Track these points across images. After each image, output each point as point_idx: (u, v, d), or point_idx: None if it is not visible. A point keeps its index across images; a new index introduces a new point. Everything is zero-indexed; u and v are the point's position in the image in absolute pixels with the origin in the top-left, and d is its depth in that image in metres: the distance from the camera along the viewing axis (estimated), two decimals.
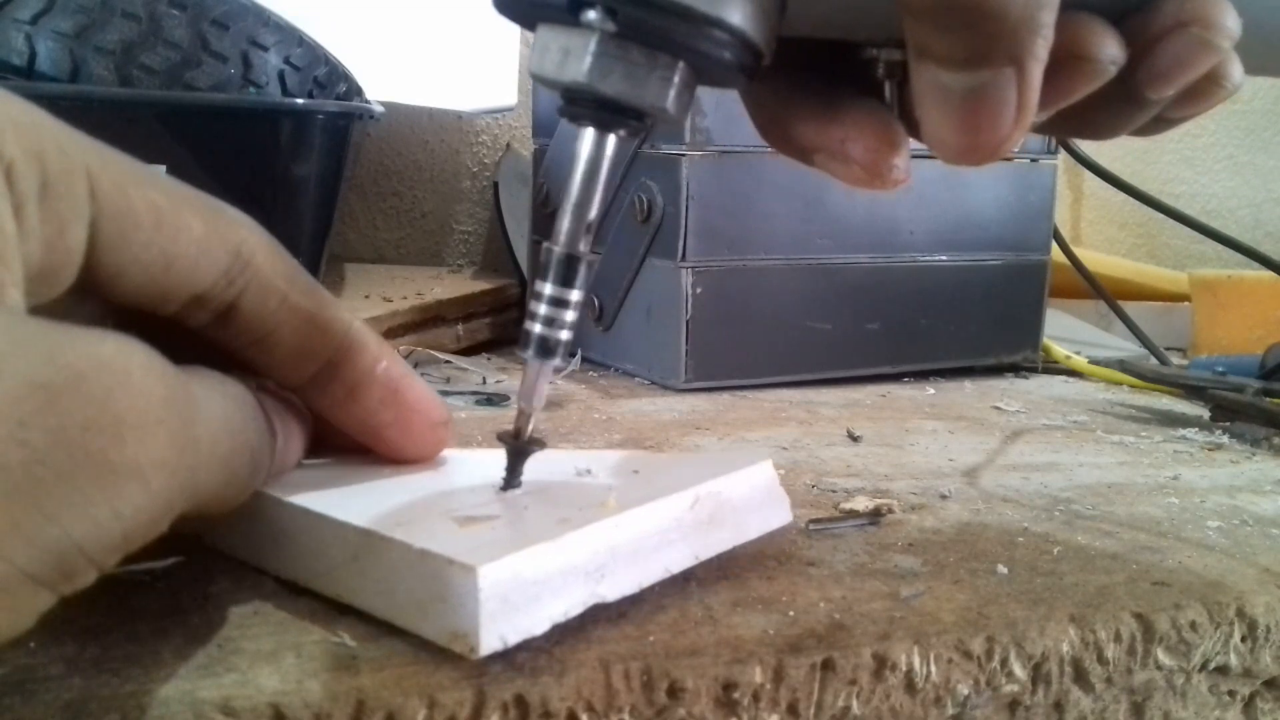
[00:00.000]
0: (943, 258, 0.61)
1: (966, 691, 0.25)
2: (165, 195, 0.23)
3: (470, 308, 0.68)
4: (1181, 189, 1.13)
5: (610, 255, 0.59)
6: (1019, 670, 0.25)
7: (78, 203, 0.21)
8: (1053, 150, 0.64)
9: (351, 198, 0.88)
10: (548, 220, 0.63)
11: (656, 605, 0.25)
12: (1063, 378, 0.65)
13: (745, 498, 0.28)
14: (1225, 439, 0.49)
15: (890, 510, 0.34)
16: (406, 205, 0.91)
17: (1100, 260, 0.85)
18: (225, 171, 0.56)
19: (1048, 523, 0.34)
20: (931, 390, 0.59)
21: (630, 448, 0.43)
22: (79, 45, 0.54)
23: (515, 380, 0.56)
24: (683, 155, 0.54)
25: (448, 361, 0.60)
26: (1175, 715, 0.28)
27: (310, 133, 0.60)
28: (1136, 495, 0.38)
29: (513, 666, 0.22)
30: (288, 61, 0.59)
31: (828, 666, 0.24)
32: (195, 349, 0.23)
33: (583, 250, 0.25)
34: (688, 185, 0.54)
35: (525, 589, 0.22)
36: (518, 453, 0.27)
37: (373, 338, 0.27)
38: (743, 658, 0.23)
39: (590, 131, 0.24)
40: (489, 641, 0.21)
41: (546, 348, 0.25)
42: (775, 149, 0.27)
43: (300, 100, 0.60)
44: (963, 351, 0.63)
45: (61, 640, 0.22)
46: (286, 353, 0.26)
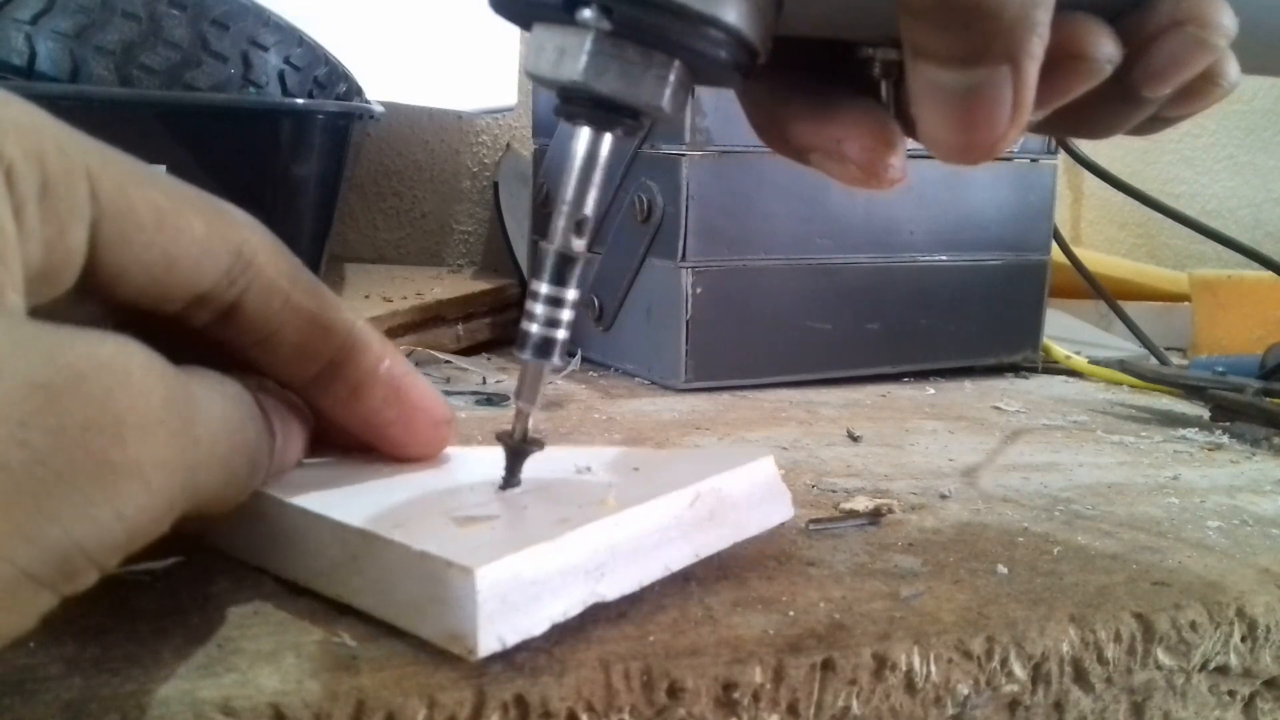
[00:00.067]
0: (943, 258, 0.61)
1: (966, 691, 0.25)
2: (167, 195, 0.23)
3: (470, 308, 0.68)
4: (1181, 189, 1.13)
5: (610, 255, 0.59)
6: (1019, 670, 0.25)
7: (78, 204, 0.21)
8: (1053, 150, 0.64)
9: (351, 198, 0.88)
10: (547, 220, 0.63)
11: (656, 605, 0.25)
12: (1063, 378, 0.65)
13: (746, 494, 0.28)
14: (1225, 439, 0.49)
15: (890, 510, 0.34)
16: (406, 205, 0.91)
17: (1100, 260, 0.85)
18: (225, 171, 0.56)
19: (1048, 523, 0.34)
20: (931, 390, 0.59)
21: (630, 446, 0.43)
22: (79, 45, 0.54)
23: (515, 380, 0.56)
24: (683, 155, 0.54)
25: (448, 361, 0.60)
26: (1175, 715, 0.28)
27: (310, 133, 0.60)
28: (1136, 495, 0.38)
29: (513, 666, 0.22)
30: (288, 61, 0.59)
31: (828, 666, 0.24)
32: (197, 348, 0.23)
33: (579, 249, 0.25)
34: (688, 185, 0.54)
35: (523, 590, 0.22)
36: (516, 453, 0.27)
37: (375, 337, 0.27)
38: (743, 658, 0.23)
39: (586, 130, 0.24)
40: (487, 643, 0.21)
41: (543, 347, 0.25)
42: (771, 148, 0.27)
43: (300, 100, 0.60)
44: (963, 351, 0.63)
45: (61, 640, 0.22)
46: (289, 352, 0.26)
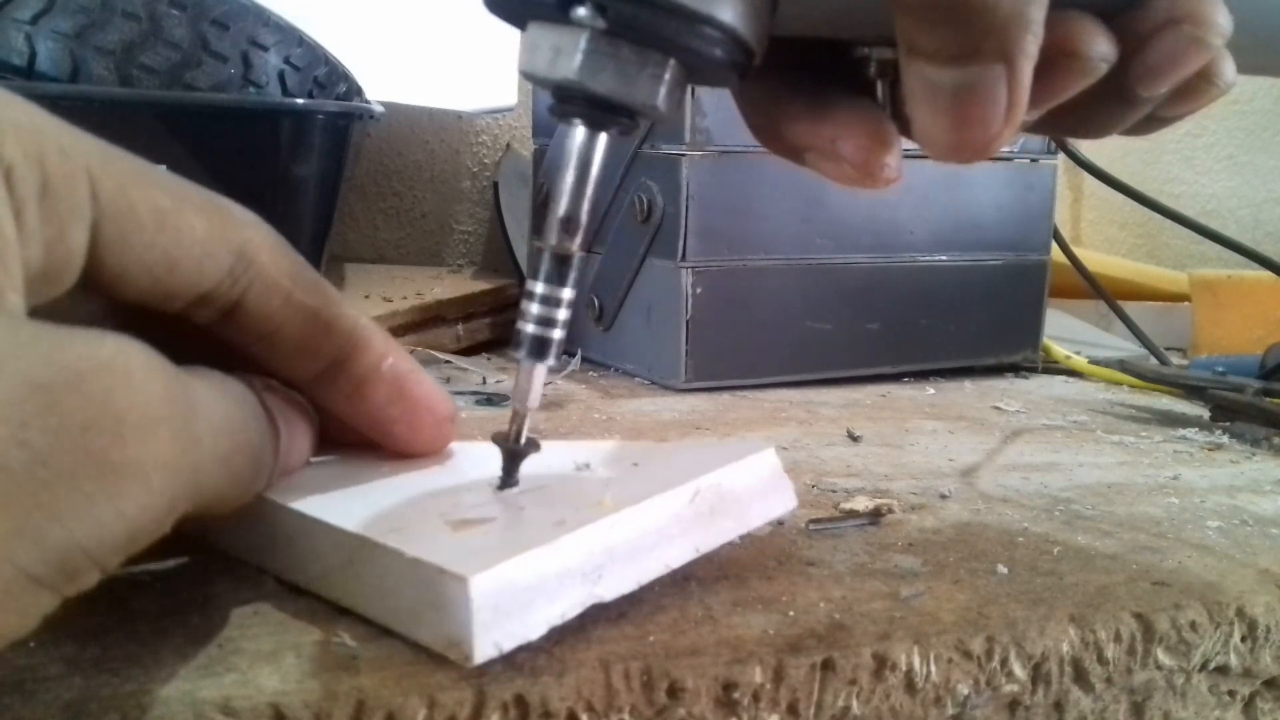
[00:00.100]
0: (943, 258, 0.61)
1: (966, 691, 0.25)
2: (168, 195, 0.23)
3: (470, 308, 0.68)
4: (1181, 189, 1.13)
5: (610, 255, 0.59)
6: (1019, 670, 0.25)
7: (78, 205, 0.21)
8: (1053, 150, 0.64)
9: (351, 198, 0.88)
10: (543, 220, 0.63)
11: (656, 605, 0.25)
12: (1063, 378, 0.65)
13: (747, 487, 0.27)
14: (1225, 439, 0.49)
15: (890, 510, 0.34)
16: (406, 205, 0.91)
17: (1100, 260, 0.85)
18: (225, 171, 0.56)
19: (1048, 523, 0.34)
20: (931, 390, 0.59)
21: None
22: (79, 45, 0.54)
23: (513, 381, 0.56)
24: (683, 155, 0.54)
25: (448, 361, 0.60)
26: (1175, 715, 0.28)
27: (310, 133, 0.60)
28: (1136, 495, 0.38)
29: (513, 666, 0.22)
30: (288, 61, 0.59)
31: (828, 666, 0.24)
32: (200, 348, 0.23)
33: (575, 249, 0.25)
34: (688, 185, 0.54)
35: (519, 595, 0.22)
36: (513, 455, 0.27)
37: (379, 334, 0.27)
38: (743, 658, 0.23)
39: (581, 129, 0.24)
40: (483, 649, 0.21)
41: (540, 348, 0.25)
42: (767, 148, 0.27)
43: (300, 100, 0.60)
44: (963, 351, 0.63)
45: (61, 640, 0.22)
46: (292, 350, 0.26)
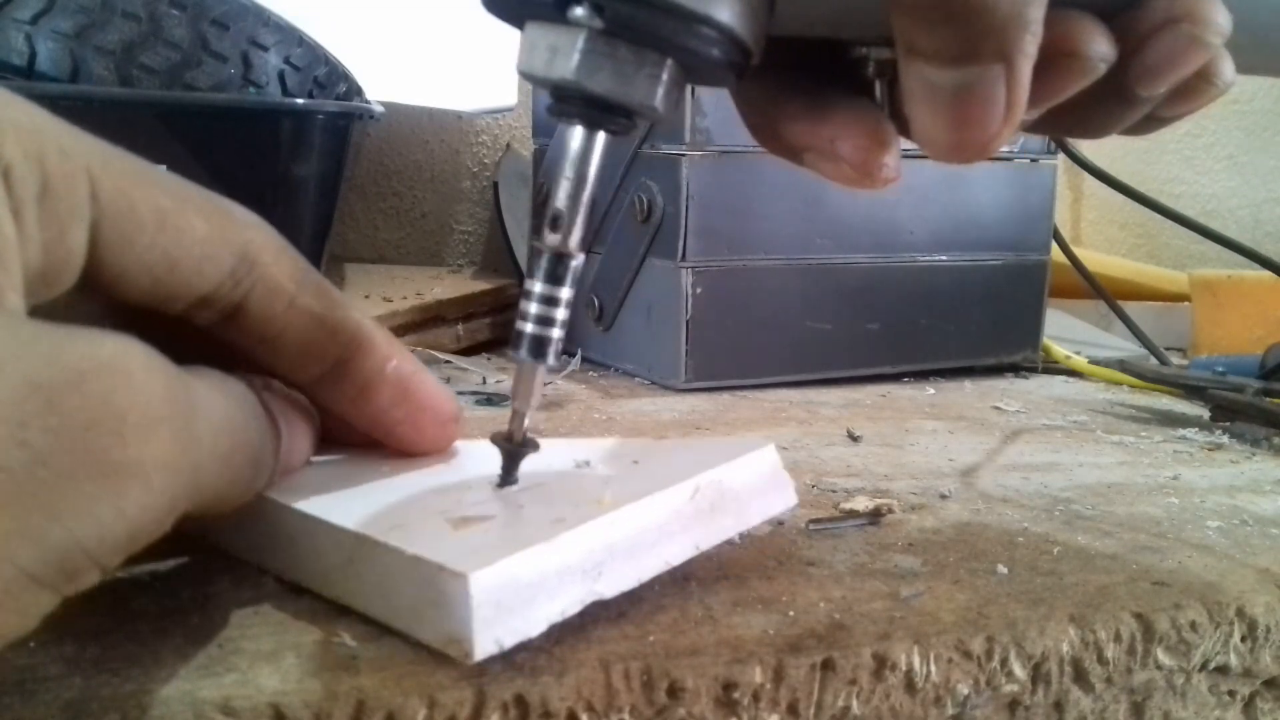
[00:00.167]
0: (943, 258, 0.61)
1: (966, 691, 0.25)
2: (170, 196, 0.23)
3: (470, 308, 0.68)
4: (1181, 189, 1.13)
5: (610, 255, 0.59)
6: (1019, 670, 0.25)
7: (78, 205, 0.21)
8: (1053, 150, 0.64)
9: (351, 198, 0.88)
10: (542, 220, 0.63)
11: (656, 605, 0.25)
12: (1063, 378, 0.65)
13: (747, 484, 0.27)
14: (1225, 439, 0.49)
15: (890, 510, 0.34)
16: (406, 205, 0.91)
17: (1100, 260, 0.85)
18: (225, 171, 0.56)
19: (1048, 523, 0.34)
20: (931, 390, 0.59)
21: None
22: (79, 45, 0.54)
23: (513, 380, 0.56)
24: (683, 155, 0.54)
25: (448, 361, 0.60)
26: (1175, 715, 0.28)
27: (310, 133, 0.60)
28: (1136, 495, 0.38)
29: (513, 666, 0.22)
30: (288, 61, 0.59)
31: (828, 666, 0.24)
32: (202, 349, 0.23)
33: (573, 248, 0.25)
34: (688, 185, 0.54)
35: (519, 592, 0.22)
36: (512, 454, 0.27)
37: (382, 336, 0.27)
38: (743, 658, 0.23)
39: (579, 129, 0.24)
40: (484, 646, 0.21)
41: (538, 347, 0.25)
42: (766, 148, 0.27)
43: (300, 100, 0.60)
44: (963, 351, 0.63)
45: (61, 640, 0.22)
46: (294, 353, 0.26)
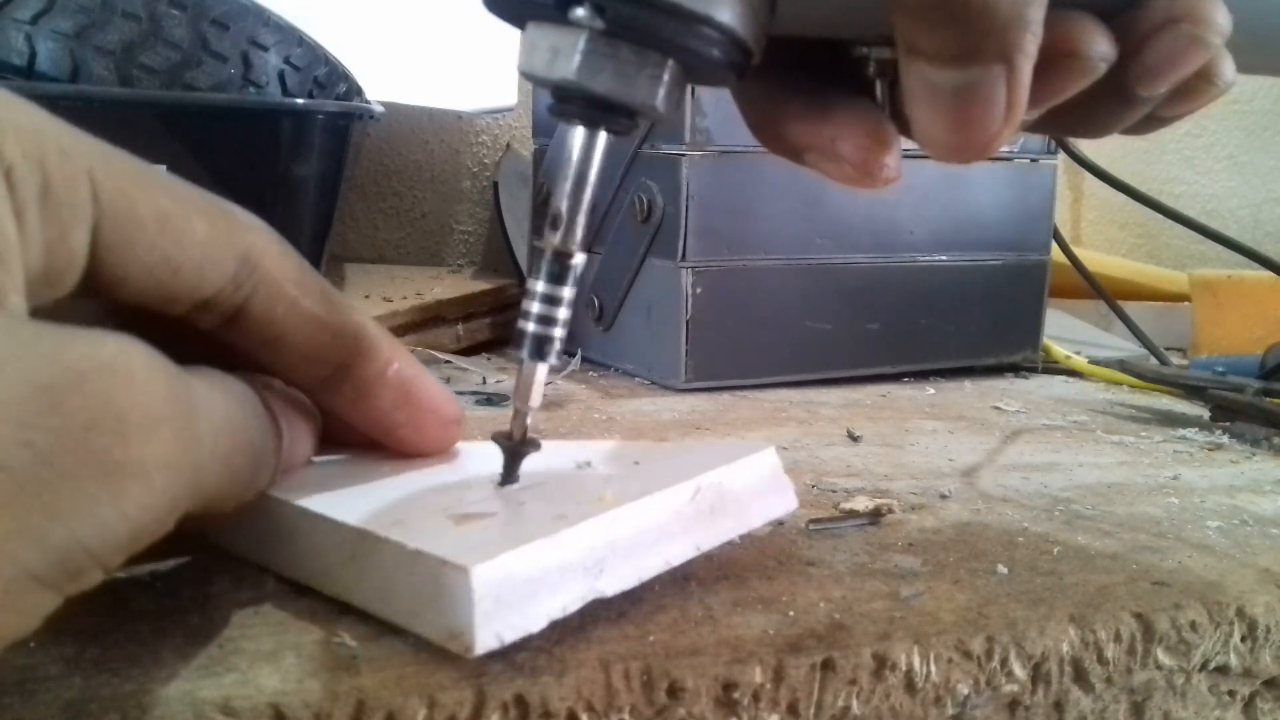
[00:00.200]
0: (943, 258, 0.61)
1: (966, 691, 0.25)
2: (171, 199, 0.23)
3: (470, 308, 0.68)
4: (1181, 189, 1.13)
5: (610, 255, 0.59)
6: (1019, 670, 0.25)
7: (79, 207, 0.21)
8: (1053, 150, 0.64)
9: (351, 198, 0.88)
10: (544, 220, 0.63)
11: (656, 605, 0.25)
12: (1063, 378, 0.65)
13: (748, 486, 0.27)
14: (1225, 439, 0.49)
15: (890, 510, 0.34)
16: (406, 205, 0.91)
17: (1100, 260, 0.85)
18: (225, 171, 0.56)
19: (1048, 523, 0.34)
20: (931, 390, 0.59)
21: None
22: (79, 45, 0.54)
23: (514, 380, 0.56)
24: (683, 155, 0.54)
25: (448, 361, 0.60)
26: (1175, 715, 0.28)
27: (310, 133, 0.60)
28: (1136, 495, 0.38)
29: (513, 666, 0.22)
30: (288, 61, 0.59)
31: (828, 666, 0.24)
32: (204, 349, 0.23)
33: (575, 248, 0.25)
34: (688, 185, 0.54)
35: (520, 587, 0.22)
36: (514, 453, 0.27)
37: (385, 339, 0.27)
38: (743, 658, 0.23)
39: (580, 129, 0.24)
40: (484, 640, 0.21)
41: (540, 347, 0.25)
42: (767, 147, 0.27)
43: (300, 100, 0.60)
44: (963, 351, 0.63)
45: (61, 640, 0.22)
46: (296, 356, 0.26)
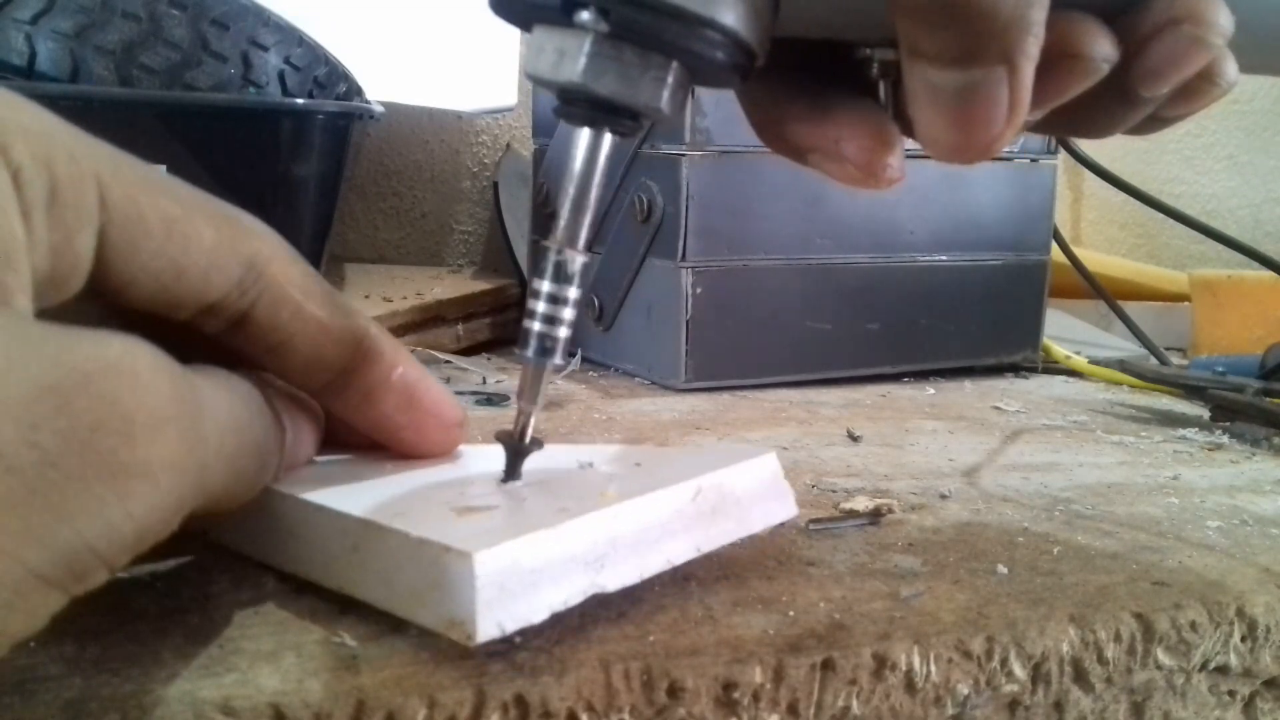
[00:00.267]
0: (943, 258, 0.61)
1: (966, 691, 0.25)
2: (178, 203, 0.23)
3: (470, 308, 0.68)
4: (1181, 189, 1.13)
5: (610, 255, 0.59)
6: (1019, 670, 0.25)
7: (86, 210, 0.21)
8: (1053, 150, 0.64)
9: (351, 198, 0.88)
10: (548, 220, 0.63)
11: (656, 605, 0.25)
12: (1063, 378, 0.65)
13: (748, 490, 0.28)
14: (1225, 439, 0.49)
15: (890, 510, 0.34)
16: (406, 205, 0.91)
17: (1100, 260, 0.85)
18: (225, 171, 0.56)
19: (1048, 523, 0.34)
20: (931, 390, 0.59)
21: None
22: (79, 45, 0.54)
23: (515, 380, 0.56)
24: (683, 155, 0.54)
25: (448, 361, 0.60)
26: (1175, 715, 0.28)
27: (310, 133, 0.60)
28: (1136, 495, 0.38)
29: (513, 666, 0.22)
30: (288, 61, 0.59)
31: (828, 666, 0.24)
32: (207, 350, 0.23)
33: (580, 248, 0.25)
34: (688, 185, 0.54)
35: (522, 576, 0.22)
36: (516, 453, 0.27)
37: (388, 343, 0.27)
38: (743, 658, 0.23)
39: (586, 131, 0.24)
40: (486, 628, 0.21)
41: (545, 346, 0.25)
42: (771, 148, 0.27)
43: (300, 100, 0.60)
44: (963, 351, 0.63)
45: (61, 640, 0.22)
46: (301, 361, 0.26)
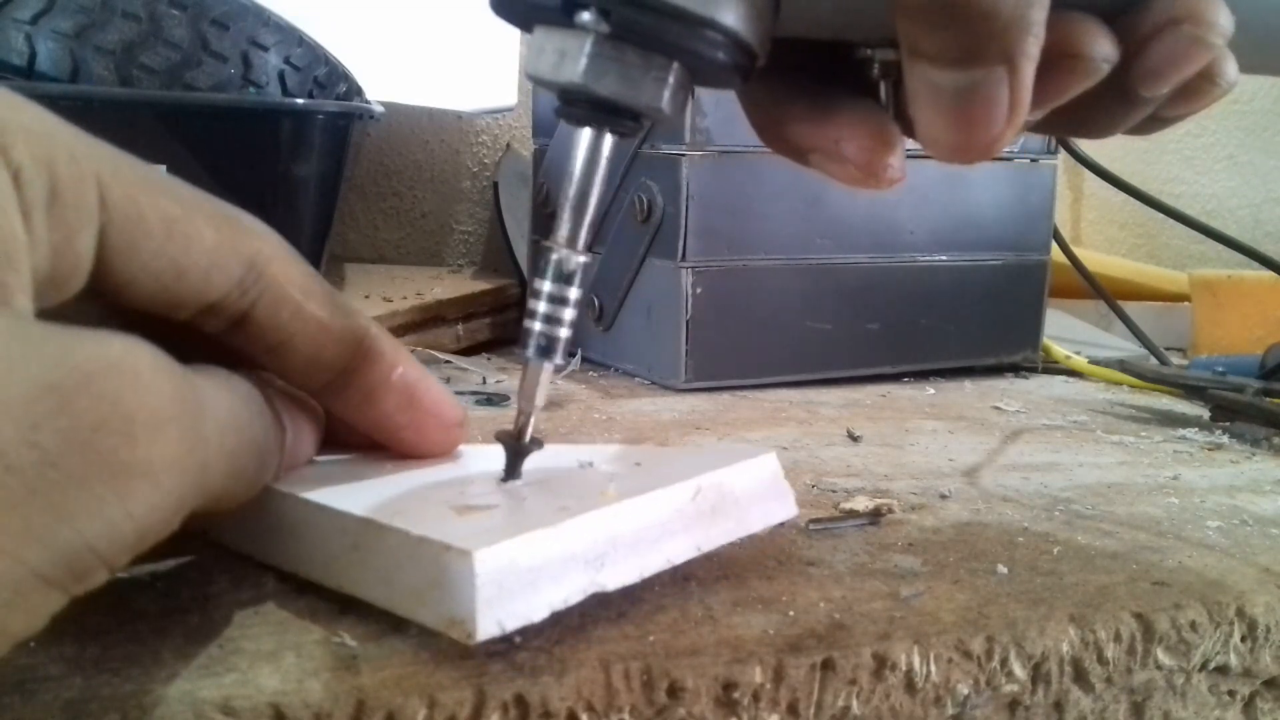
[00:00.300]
0: (943, 258, 0.61)
1: (966, 691, 0.25)
2: (179, 204, 0.23)
3: (470, 308, 0.68)
4: (1181, 189, 1.13)
5: (610, 255, 0.59)
6: (1019, 670, 0.25)
7: (86, 210, 0.21)
8: (1053, 150, 0.64)
9: (351, 198, 0.88)
10: (548, 220, 0.63)
11: (656, 605, 0.25)
12: (1063, 378, 0.65)
13: (748, 490, 0.28)
14: (1225, 439, 0.49)
15: (890, 510, 0.34)
16: (406, 205, 0.91)
17: (1100, 260, 0.85)
18: (225, 171, 0.56)
19: (1048, 523, 0.34)
20: (931, 390, 0.59)
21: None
22: (79, 45, 0.54)
23: (515, 380, 0.56)
24: (683, 155, 0.54)
25: (448, 361, 0.60)
26: (1175, 715, 0.28)
27: (310, 133, 0.60)
28: (1136, 495, 0.38)
29: (513, 666, 0.22)
30: (288, 61, 0.59)
31: (828, 666, 0.24)
32: (208, 351, 0.23)
33: (581, 249, 0.25)
34: (688, 185, 0.54)
35: (522, 575, 0.22)
36: (516, 453, 0.27)
37: (389, 343, 0.27)
38: (743, 658, 0.23)
39: (587, 132, 0.24)
40: (486, 627, 0.21)
41: (546, 346, 0.25)
42: (771, 149, 0.27)
43: (300, 100, 0.60)
44: (963, 351, 0.63)
45: (61, 640, 0.22)
46: (301, 361, 0.26)
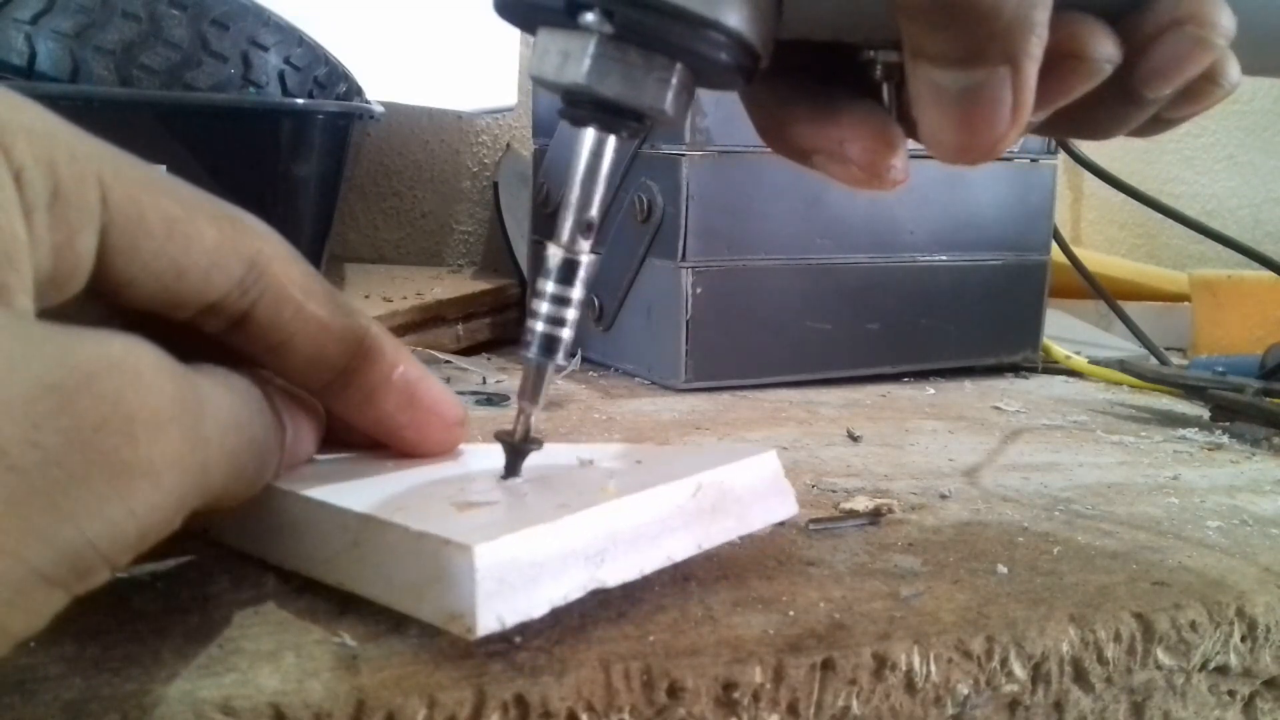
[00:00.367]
0: (943, 258, 0.61)
1: (966, 691, 0.25)
2: (179, 203, 0.23)
3: (470, 308, 0.68)
4: (1181, 189, 1.13)
5: (610, 255, 0.59)
6: (1019, 670, 0.25)
7: (88, 210, 0.21)
8: (1053, 150, 0.64)
9: (351, 198, 0.88)
10: (548, 220, 0.63)
11: (656, 605, 0.25)
12: (1063, 378, 0.65)
13: (749, 487, 0.28)
14: (1225, 439, 0.49)
15: (890, 510, 0.34)
16: (406, 205, 0.91)
17: (1100, 260, 0.85)
18: (225, 171, 0.56)
19: (1048, 523, 0.34)
20: (931, 390, 0.59)
21: None
22: (79, 45, 0.54)
23: (515, 380, 0.56)
24: (683, 155, 0.54)
25: (448, 361, 0.60)
26: (1175, 715, 0.28)
27: (310, 133, 0.60)
28: (1136, 495, 0.38)
29: (513, 666, 0.22)
30: (288, 61, 0.59)
31: (828, 666, 0.24)
32: (209, 350, 0.23)
33: (583, 249, 0.25)
34: (688, 185, 0.54)
35: (522, 570, 0.22)
36: (516, 452, 0.27)
37: (389, 342, 0.27)
38: (743, 658, 0.23)
39: (590, 132, 0.24)
40: (486, 622, 0.21)
41: (547, 346, 0.25)
42: (774, 150, 0.27)
43: (300, 100, 0.60)
44: (963, 351, 0.63)
45: (61, 640, 0.22)
46: (302, 360, 0.26)
